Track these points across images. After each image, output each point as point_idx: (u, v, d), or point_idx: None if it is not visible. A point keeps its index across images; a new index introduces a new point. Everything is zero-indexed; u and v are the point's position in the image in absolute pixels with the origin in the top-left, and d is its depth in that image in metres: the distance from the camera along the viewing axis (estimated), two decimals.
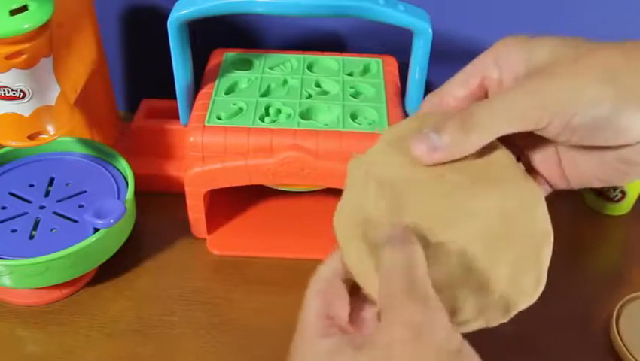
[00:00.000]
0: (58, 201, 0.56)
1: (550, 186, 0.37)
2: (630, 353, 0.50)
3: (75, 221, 0.54)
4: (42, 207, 0.55)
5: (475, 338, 0.54)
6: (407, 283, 0.30)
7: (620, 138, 0.32)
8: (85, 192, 0.57)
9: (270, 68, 0.61)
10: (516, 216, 0.33)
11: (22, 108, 0.50)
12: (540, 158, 0.37)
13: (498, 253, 0.33)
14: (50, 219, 0.54)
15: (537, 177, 0.37)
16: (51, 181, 0.58)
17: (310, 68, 0.61)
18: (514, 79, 0.34)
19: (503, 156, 0.35)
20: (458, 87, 0.37)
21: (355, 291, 0.35)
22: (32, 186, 0.57)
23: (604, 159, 0.33)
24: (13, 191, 0.56)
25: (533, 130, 0.32)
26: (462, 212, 0.33)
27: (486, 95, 0.36)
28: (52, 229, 0.53)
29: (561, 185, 0.36)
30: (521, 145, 0.37)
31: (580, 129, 0.32)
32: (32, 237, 0.53)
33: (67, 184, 0.57)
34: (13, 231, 0.53)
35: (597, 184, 0.35)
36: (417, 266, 0.30)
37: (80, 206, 0.55)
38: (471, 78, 0.36)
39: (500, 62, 0.35)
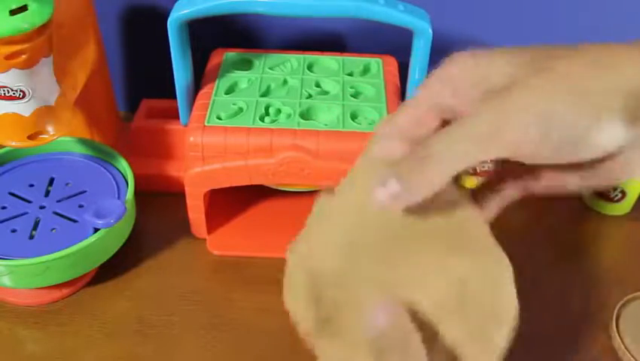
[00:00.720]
0: (58, 201, 0.56)
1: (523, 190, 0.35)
2: (630, 353, 0.50)
3: (75, 221, 0.54)
4: (42, 207, 0.55)
5: None
6: None
7: (595, 151, 0.29)
8: (85, 192, 0.57)
9: (270, 68, 0.61)
10: (478, 291, 0.30)
11: (22, 108, 0.50)
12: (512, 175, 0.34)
13: (450, 328, 0.29)
14: (50, 219, 0.54)
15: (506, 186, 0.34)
16: (51, 181, 0.58)
17: (310, 68, 0.61)
18: (471, 103, 0.31)
19: (472, 218, 0.32)
20: (408, 119, 0.33)
21: None
22: (31, 186, 0.57)
23: (583, 173, 0.32)
24: (13, 191, 0.56)
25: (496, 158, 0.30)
26: (418, 280, 0.30)
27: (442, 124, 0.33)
28: (52, 229, 0.53)
29: (538, 192, 0.34)
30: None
31: (547, 151, 0.29)
32: (31, 237, 0.52)
33: (67, 184, 0.57)
34: (14, 231, 0.53)
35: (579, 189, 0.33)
36: None
37: (80, 206, 0.55)
38: (422, 107, 0.32)
39: (454, 86, 0.32)
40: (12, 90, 0.49)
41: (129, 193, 0.55)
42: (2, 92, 0.49)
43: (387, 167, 0.30)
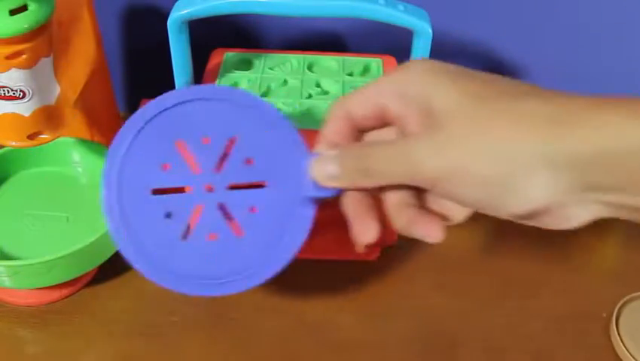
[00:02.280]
0: (229, 186, 0.36)
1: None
2: (630, 353, 0.50)
3: (240, 234, 0.36)
4: (209, 189, 0.36)
5: (475, 338, 0.54)
6: None
7: (515, 209, 0.30)
8: (264, 185, 0.36)
9: (270, 68, 0.61)
10: None
11: (22, 108, 0.50)
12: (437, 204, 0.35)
13: None
14: (212, 215, 0.36)
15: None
16: (231, 144, 0.36)
17: (310, 68, 0.61)
18: (414, 122, 0.32)
19: None
20: (359, 109, 0.35)
21: None
22: (206, 140, 0.36)
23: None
24: (183, 139, 0.36)
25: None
26: None
27: (384, 121, 0.35)
28: (210, 234, 0.36)
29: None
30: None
31: (468, 201, 0.31)
32: (185, 237, 0.35)
33: (247, 160, 0.36)
34: (168, 216, 0.36)
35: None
36: None
37: (253, 208, 0.36)
38: (374, 101, 0.34)
39: (402, 97, 0.33)
40: (12, 90, 0.49)
41: None
42: (2, 92, 0.49)
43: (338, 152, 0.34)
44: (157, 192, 0.36)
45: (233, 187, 0.36)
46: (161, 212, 0.35)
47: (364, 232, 0.34)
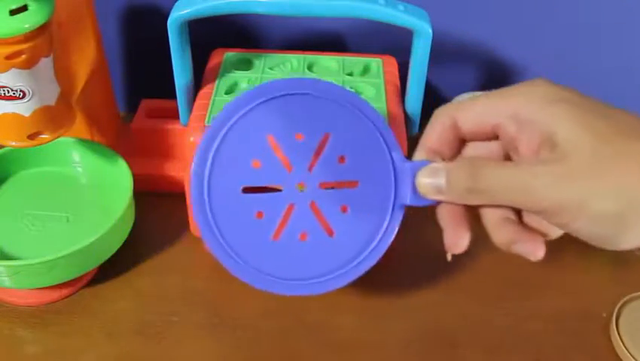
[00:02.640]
0: (320, 185, 0.36)
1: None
2: (630, 353, 0.50)
3: (331, 234, 0.36)
4: (301, 187, 0.36)
5: (475, 338, 0.54)
6: None
7: (628, 245, 0.31)
8: (356, 183, 0.36)
9: (270, 68, 0.61)
10: None
11: (22, 108, 0.50)
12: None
13: None
14: (303, 214, 0.35)
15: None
16: (324, 141, 0.36)
17: (310, 68, 0.61)
18: (528, 146, 0.33)
19: None
20: (470, 122, 0.36)
21: None
22: (300, 136, 0.36)
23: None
24: (274, 135, 0.36)
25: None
26: None
27: (495, 138, 0.36)
28: (301, 233, 0.35)
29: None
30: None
31: (583, 233, 0.32)
32: (275, 236, 0.35)
33: (340, 158, 0.36)
34: (258, 215, 0.35)
35: None
36: None
37: (344, 208, 0.36)
38: (486, 118, 0.35)
39: (520, 120, 0.33)
40: (12, 90, 0.49)
41: (130, 193, 0.55)
42: (2, 92, 0.49)
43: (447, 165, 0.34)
44: (248, 190, 0.35)
45: (325, 186, 0.35)
46: (252, 211, 0.35)
47: (457, 241, 0.34)
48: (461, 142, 0.37)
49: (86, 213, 0.58)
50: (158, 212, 0.62)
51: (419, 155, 0.36)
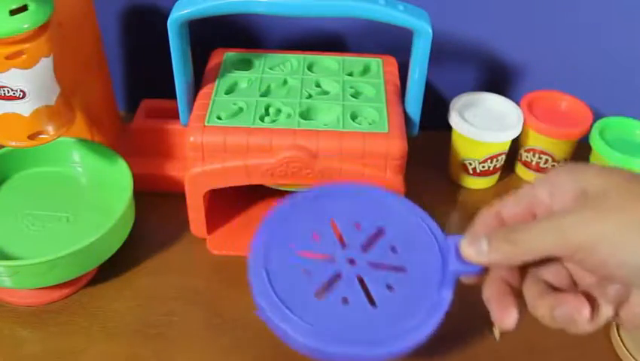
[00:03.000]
0: (370, 263, 0.39)
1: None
2: (630, 353, 0.50)
3: (374, 304, 0.38)
4: (351, 262, 0.39)
5: (476, 338, 0.54)
6: None
7: None
8: (404, 270, 0.39)
9: (270, 68, 0.61)
10: None
11: (22, 108, 0.50)
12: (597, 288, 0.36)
13: None
14: (349, 283, 0.38)
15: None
16: (379, 233, 0.41)
17: (310, 68, 0.61)
18: (563, 206, 0.35)
19: None
20: (510, 207, 0.38)
21: None
22: (358, 225, 0.41)
23: None
24: (337, 219, 0.41)
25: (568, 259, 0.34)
26: None
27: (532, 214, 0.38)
28: (343, 298, 0.38)
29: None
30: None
31: (618, 277, 0.33)
32: (319, 295, 0.38)
33: (393, 248, 0.40)
34: (307, 273, 0.39)
35: None
36: None
37: (390, 287, 0.38)
38: (523, 199, 0.38)
39: (552, 189, 0.36)
40: (12, 90, 0.49)
41: (130, 194, 0.55)
42: (2, 92, 0.49)
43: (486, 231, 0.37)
44: (303, 253, 0.40)
45: (374, 266, 0.39)
46: (301, 268, 0.39)
47: (505, 317, 0.36)
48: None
49: (86, 213, 0.58)
50: (158, 212, 0.62)
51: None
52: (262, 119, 0.54)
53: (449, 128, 0.65)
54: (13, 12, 0.45)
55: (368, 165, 0.53)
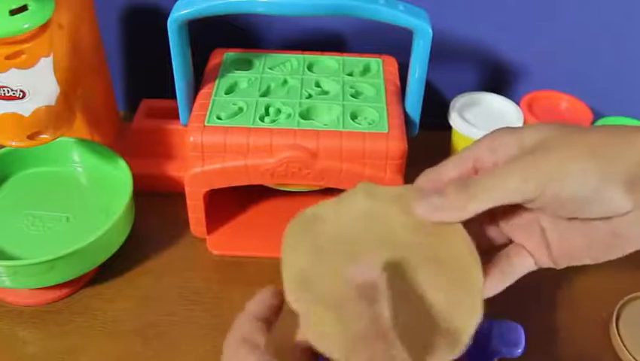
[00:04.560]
0: None
1: (535, 262, 0.38)
2: (630, 353, 0.50)
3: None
4: None
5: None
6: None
7: (605, 209, 0.34)
8: None
9: (270, 68, 0.61)
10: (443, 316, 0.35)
11: (22, 108, 0.50)
12: (525, 233, 0.38)
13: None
14: None
15: (522, 252, 0.38)
16: None
17: (310, 68, 0.61)
18: (508, 159, 0.36)
19: (463, 241, 0.37)
20: (452, 168, 0.38)
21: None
22: None
23: (592, 232, 0.35)
24: None
25: (524, 202, 0.35)
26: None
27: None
28: None
29: (546, 262, 0.38)
30: (507, 221, 0.39)
31: (568, 202, 0.34)
32: None
33: None
34: None
35: (584, 261, 0.37)
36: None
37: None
38: (465, 160, 0.38)
39: (494, 146, 0.37)
40: (12, 90, 0.49)
41: (130, 193, 0.55)
42: (2, 92, 0.49)
43: (435, 186, 0.37)
44: None
45: None
46: None
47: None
48: None
49: (86, 213, 0.58)
50: (158, 212, 0.62)
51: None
52: (262, 119, 0.54)
53: (449, 128, 0.65)
54: (13, 12, 0.45)
55: (368, 165, 0.53)
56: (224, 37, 0.68)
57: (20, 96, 0.49)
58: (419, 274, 0.36)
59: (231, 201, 0.62)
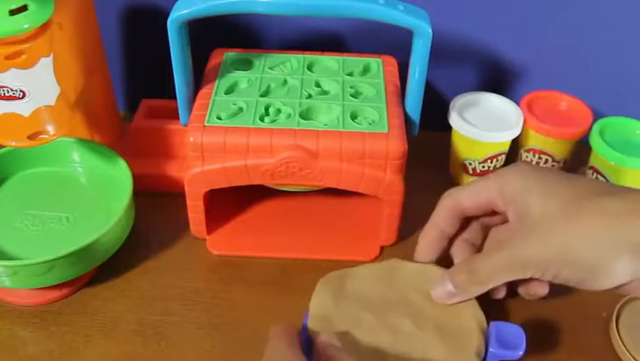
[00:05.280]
0: None
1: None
2: (630, 353, 0.50)
3: None
4: None
5: None
6: None
7: (609, 283, 0.40)
8: None
9: (270, 68, 0.61)
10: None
11: (22, 108, 0.50)
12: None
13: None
14: None
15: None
16: None
17: (310, 68, 0.61)
18: (514, 215, 0.45)
19: (471, 313, 0.46)
20: (468, 198, 0.48)
21: None
22: None
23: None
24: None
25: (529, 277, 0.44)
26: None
27: (493, 212, 0.49)
28: None
29: None
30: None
31: (571, 280, 0.42)
32: None
33: None
34: None
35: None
36: None
37: None
38: (480, 196, 0.47)
39: (504, 195, 0.46)
40: (12, 90, 0.49)
41: (129, 193, 0.55)
42: (2, 92, 0.49)
43: (450, 271, 0.47)
44: None
45: None
46: None
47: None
48: (464, 219, 0.50)
49: (86, 213, 0.58)
50: (158, 212, 0.62)
51: (428, 229, 0.51)
52: (262, 119, 0.54)
53: (449, 128, 0.65)
54: (13, 12, 0.45)
55: (368, 165, 0.53)
56: (223, 37, 0.68)
57: (20, 96, 0.49)
58: (424, 337, 0.45)
59: (231, 201, 0.62)
